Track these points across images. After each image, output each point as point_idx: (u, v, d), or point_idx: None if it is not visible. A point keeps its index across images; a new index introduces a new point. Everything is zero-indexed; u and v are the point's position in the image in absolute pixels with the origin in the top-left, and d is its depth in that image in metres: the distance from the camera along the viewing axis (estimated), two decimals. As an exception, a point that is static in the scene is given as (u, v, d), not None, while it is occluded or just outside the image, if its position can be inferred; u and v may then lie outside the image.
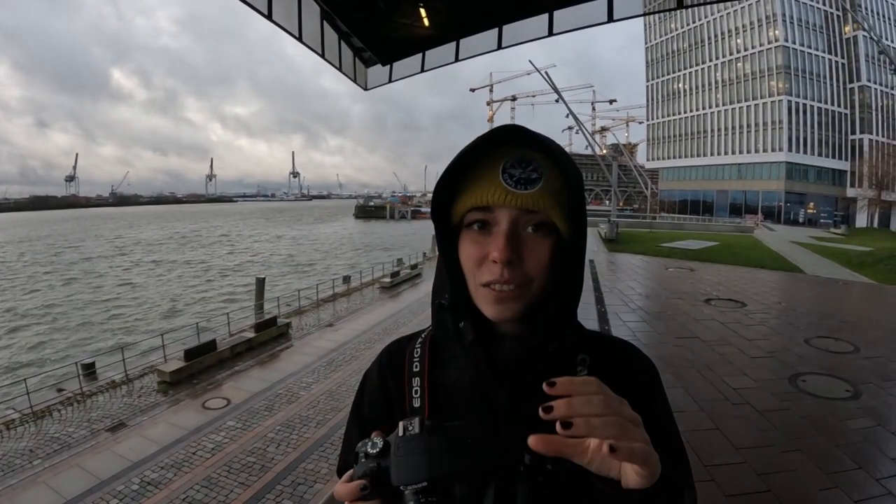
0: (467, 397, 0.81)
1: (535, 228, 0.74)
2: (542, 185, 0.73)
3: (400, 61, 8.70)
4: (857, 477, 3.98)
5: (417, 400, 0.83)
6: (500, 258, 0.72)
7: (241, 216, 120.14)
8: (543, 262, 0.74)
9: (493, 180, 0.73)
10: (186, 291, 30.27)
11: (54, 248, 52.90)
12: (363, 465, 0.67)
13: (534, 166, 0.73)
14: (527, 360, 0.78)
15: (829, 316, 10.20)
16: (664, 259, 20.43)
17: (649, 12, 7.90)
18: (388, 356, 0.93)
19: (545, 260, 0.74)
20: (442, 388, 0.84)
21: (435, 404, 0.83)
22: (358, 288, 22.61)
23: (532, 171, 0.73)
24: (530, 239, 0.74)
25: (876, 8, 54.08)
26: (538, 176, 0.73)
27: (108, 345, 17.71)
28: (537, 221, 0.74)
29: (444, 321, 0.83)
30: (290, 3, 6.48)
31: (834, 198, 57.27)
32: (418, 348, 0.89)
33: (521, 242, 0.74)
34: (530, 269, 0.74)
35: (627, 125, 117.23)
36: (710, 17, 63.07)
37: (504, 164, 0.74)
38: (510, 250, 0.72)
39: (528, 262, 0.74)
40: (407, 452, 0.64)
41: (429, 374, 0.85)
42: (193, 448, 8.09)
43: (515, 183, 0.72)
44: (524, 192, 0.72)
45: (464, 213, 0.77)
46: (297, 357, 12.82)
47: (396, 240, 57.26)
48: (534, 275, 0.74)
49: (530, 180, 0.73)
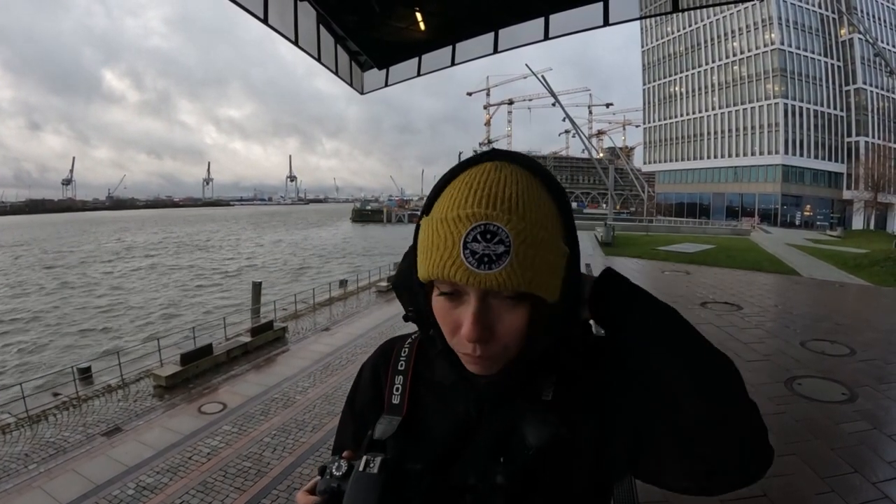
0: (446, 401, 0.84)
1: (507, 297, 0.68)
2: (510, 261, 0.64)
3: (396, 65, 8.70)
4: (853, 480, 3.98)
5: (397, 397, 0.86)
6: (470, 339, 0.68)
7: (236, 220, 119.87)
8: (518, 332, 0.70)
9: (453, 255, 0.65)
10: (182, 296, 30.18)
11: (48, 255, 52.54)
12: (325, 481, 0.72)
13: (499, 237, 0.64)
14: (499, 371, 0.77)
15: (824, 318, 10.20)
16: (660, 262, 20.44)
17: (645, 16, 7.92)
18: (381, 353, 0.96)
19: (519, 330, 0.70)
20: (424, 389, 0.87)
21: (415, 403, 0.85)
22: (354, 292, 22.60)
23: (498, 243, 0.64)
24: (502, 309, 0.69)
25: (871, 11, 54.42)
26: (505, 249, 0.63)
27: (103, 349, 17.65)
28: (511, 294, 0.67)
29: (419, 326, 0.84)
30: (285, 7, 6.47)
31: (830, 200, 57.52)
32: (406, 348, 0.92)
33: (494, 316, 0.69)
34: (503, 340, 0.70)
35: (624, 128, 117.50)
36: (706, 21, 63.33)
37: (465, 236, 0.64)
38: (479, 329, 0.68)
39: (500, 334, 0.70)
40: (360, 488, 0.67)
41: (413, 374, 0.88)
42: (189, 452, 8.06)
43: (478, 262, 0.63)
44: (488, 272, 0.63)
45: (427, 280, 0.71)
46: (293, 361, 12.80)
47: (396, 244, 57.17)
48: (510, 342, 0.71)
49: (495, 257, 0.63)
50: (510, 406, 0.79)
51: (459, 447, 0.80)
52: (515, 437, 0.75)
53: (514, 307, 0.68)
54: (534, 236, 0.66)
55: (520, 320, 0.69)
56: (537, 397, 0.78)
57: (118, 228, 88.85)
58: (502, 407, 0.79)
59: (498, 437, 0.77)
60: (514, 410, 0.78)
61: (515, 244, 0.64)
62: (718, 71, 62.99)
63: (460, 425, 0.81)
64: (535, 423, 0.74)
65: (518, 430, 0.76)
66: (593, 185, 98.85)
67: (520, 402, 0.78)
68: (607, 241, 28.80)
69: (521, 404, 0.78)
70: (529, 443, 0.73)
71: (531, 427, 0.74)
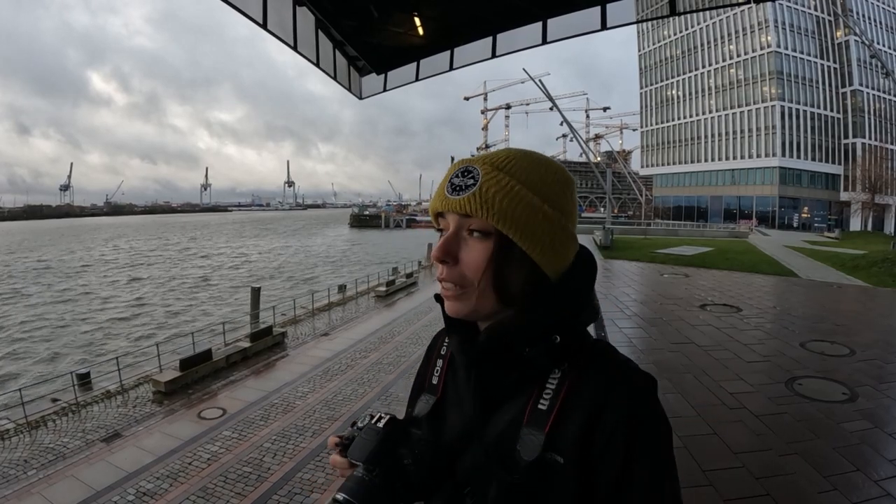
0: (458, 390, 0.90)
1: (473, 232, 0.78)
2: (475, 191, 0.76)
3: (394, 70, 8.70)
4: (855, 479, 3.98)
5: (436, 378, 0.96)
6: (434, 256, 0.81)
7: (240, 226, 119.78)
8: (478, 263, 0.77)
9: (441, 190, 0.81)
10: (181, 301, 30.11)
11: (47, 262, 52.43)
12: (350, 431, 0.84)
13: (473, 174, 0.78)
14: (496, 360, 0.81)
15: (823, 319, 10.22)
16: (659, 265, 20.46)
17: (642, 19, 7.97)
18: (434, 338, 1.05)
19: (479, 261, 0.77)
20: (452, 377, 0.94)
21: (447, 389, 0.94)
22: (353, 297, 22.60)
23: (470, 178, 0.78)
24: (468, 242, 0.79)
25: (867, 12, 54.73)
26: (473, 182, 0.77)
27: (104, 355, 17.59)
28: (476, 227, 0.78)
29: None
30: (284, 12, 6.49)
31: (827, 202, 57.70)
32: None
33: (460, 245, 0.79)
34: (467, 269, 0.78)
35: (621, 132, 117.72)
36: (702, 24, 63.59)
37: (451, 176, 0.80)
38: (442, 251, 0.79)
39: (464, 263, 0.78)
40: (365, 436, 0.80)
41: (450, 358, 0.96)
42: (189, 458, 8.04)
43: (451, 190, 0.79)
44: (455, 197, 0.78)
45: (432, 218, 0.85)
46: (292, 366, 12.79)
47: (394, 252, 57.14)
48: (471, 276, 0.78)
49: (464, 186, 0.78)
50: (510, 408, 0.80)
51: (464, 444, 0.83)
52: (511, 446, 0.77)
53: (478, 241, 0.78)
54: (504, 183, 0.77)
55: (481, 253, 0.78)
56: (535, 405, 0.78)
57: (114, 235, 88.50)
58: (502, 408, 0.81)
59: (497, 441, 0.79)
60: (513, 415, 0.79)
61: (482, 181, 0.77)
62: (715, 74, 63.22)
63: (466, 424, 0.84)
64: (529, 439, 0.76)
65: (514, 439, 0.78)
66: (591, 188, 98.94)
67: (517, 412, 0.79)
68: (606, 245, 28.79)
69: (517, 416, 0.79)
70: (522, 457, 0.76)
71: (524, 442, 0.77)
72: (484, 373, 0.82)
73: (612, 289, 13.47)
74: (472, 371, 0.83)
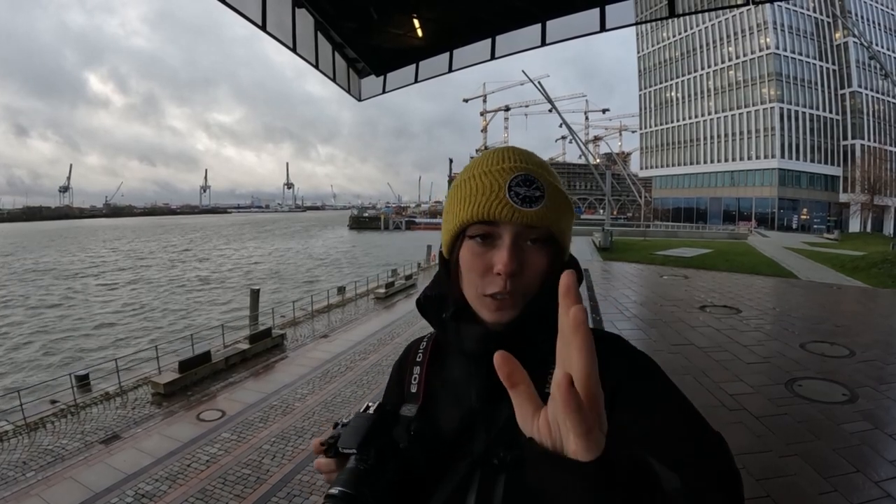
0: (456, 394, 0.88)
1: (533, 241, 0.79)
2: (545, 203, 0.78)
3: (394, 72, 8.70)
4: (855, 480, 3.98)
5: (414, 386, 0.94)
6: (505, 271, 0.77)
7: (239, 228, 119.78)
8: (541, 272, 0.80)
9: (500, 196, 0.78)
10: (180, 303, 30.09)
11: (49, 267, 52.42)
12: (332, 432, 0.84)
13: (537, 185, 0.79)
14: (513, 350, 0.78)
15: (823, 320, 10.23)
16: (658, 267, 20.48)
17: (641, 21, 7.98)
18: (407, 348, 1.04)
19: (543, 270, 0.80)
20: (437, 382, 0.92)
21: (429, 395, 0.92)
22: (352, 298, 22.57)
23: (535, 189, 0.79)
24: (530, 251, 0.80)
25: (866, 14, 54.82)
26: (541, 194, 0.79)
27: (102, 356, 17.55)
28: (537, 236, 0.79)
29: (431, 311, 0.91)
30: (283, 14, 6.49)
31: (827, 203, 57.76)
32: (424, 342, 1.00)
33: (522, 255, 0.79)
34: (529, 279, 0.80)
35: (620, 134, 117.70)
36: (701, 26, 63.69)
37: (510, 182, 0.79)
38: (514, 263, 0.78)
39: (527, 273, 0.79)
40: (356, 422, 0.81)
41: (428, 366, 0.95)
42: (188, 460, 8.02)
43: (521, 201, 0.78)
44: (529, 209, 0.77)
45: (467, 223, 0.81)
46: (291, 368, 12.76)
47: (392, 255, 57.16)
48: (532, 284, 0.80)
49: (534, 198, 0.78)
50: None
51: (465, 440, 0.83)
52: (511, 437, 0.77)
53: (539, 249, 0.80)
54: (560, 192, 0.82)
55: (544, 261, 0.80)
56: (541, 390, 0.78)
57: (113, 237, 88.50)
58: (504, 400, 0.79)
59: (506, 425, 0.79)
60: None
61: (549, 192, 0.80)
62: (714, 76, 63.32)
63: (466, 419, 0.84)
64: None
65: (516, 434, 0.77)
66: (590, 190, 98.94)
67: None
68: (605, 247, 28.82)
69: None
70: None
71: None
72: (489, 364, 0.81)
73: (611, 290, 13.48)
74: (483, 363, 0.81)
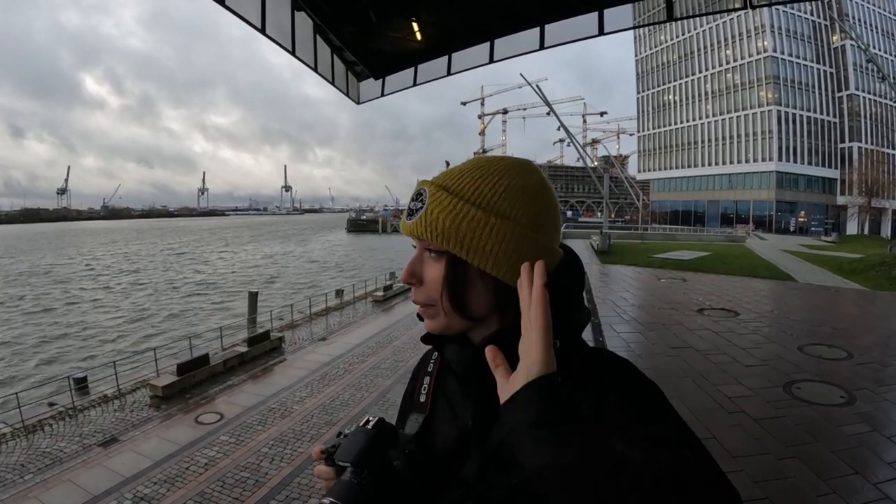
0: (453, 405, 0.89)
1: (430, 252, 0.80)
2: (420, 216, 0.78)
3: (392, 75, 8.72)
4: (854, 482, 3.98)
5: (423, 396, 0.94)
6: (402, 278, 0.84)
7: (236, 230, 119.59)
8: (436, 283, 0.79)
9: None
10: (179, 306, 30.03)
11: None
12: (334, 440, 0.85)
13: (423, 197, 0.79)
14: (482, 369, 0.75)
15: (821, 323, 10.25)
16: (656, 270, 20.49)
17: (640, 25, 8.00)
18: (422, 357, 1.04)
19: (437, 281, 0.79)
20: (442, 392, 0.92)
21: (434, 407, 0.92)
22: (350, 301, 22.57)
23: (419, 201, 0.79)
24: (428, 262, 0.81)
25: (863, 17, 54.99)
26: (420, 206, 0.79)
27: (101, 359, 17.52)
28: (432, 247, 0.79)
29: None
30: (282, 18, 6.50)
31: (824, 206, 57.89)
32: (436, 352, 0.98)
33: (423, 267, 0.81)
34: (430, 289, 0.80)
35: (618, 137, 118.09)
36: (699, 29, 63.91)
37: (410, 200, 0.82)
38: (407, 273, 0.82)
39: (427, 283, 0.81)
40: (354, 437, 0.81)
41: (437, 375, 0.95)
42: (186, 463, 8.00)
43: (408, 214, 0.81)
44: (408, 222, 0.80)
45: None
46: (290, 371, 12.75)
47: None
48: (434, 295, 0.80)
49: (414, 210, 0.80)
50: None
51: (460, 458, 0.82)
52: (504, 458, 0.76)
53: (436, 261, 0.80)
54: (447, 202, 0.77)
55: (437, 272, 0.79)
56: None
57: (110, 239, 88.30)
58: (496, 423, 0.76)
59: (498, 447, 0.75)
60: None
61: (427, 203, 0.78)
62: (712, 79, 63.52)
63: (462, 440, 0.83)
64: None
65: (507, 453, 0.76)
66: (588, 193, 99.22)
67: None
68: (603, 250, 28.82)
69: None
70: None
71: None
72: (485, 384, 0.77)
73: (609, 293, 13.49)
74: (471, 383, 0.82)
